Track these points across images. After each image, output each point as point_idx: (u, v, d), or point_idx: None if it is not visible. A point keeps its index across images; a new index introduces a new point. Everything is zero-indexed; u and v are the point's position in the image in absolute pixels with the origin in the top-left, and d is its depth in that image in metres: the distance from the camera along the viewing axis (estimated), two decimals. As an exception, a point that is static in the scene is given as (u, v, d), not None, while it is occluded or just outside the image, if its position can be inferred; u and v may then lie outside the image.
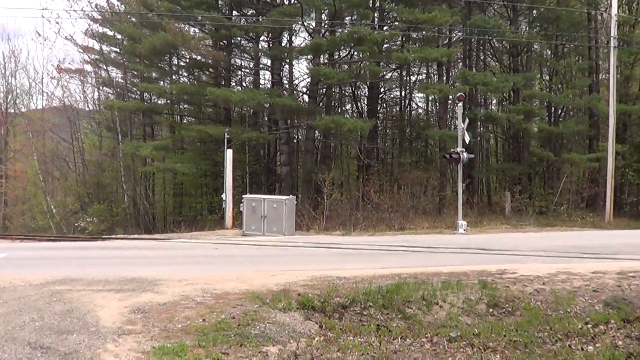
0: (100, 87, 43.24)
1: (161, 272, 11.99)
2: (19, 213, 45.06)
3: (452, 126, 34.85)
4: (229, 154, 28.48)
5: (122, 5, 40.79)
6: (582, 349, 8.81)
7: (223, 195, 28.62)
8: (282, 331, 8.61)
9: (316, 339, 8.57)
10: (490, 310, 10.09)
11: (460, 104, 26.11)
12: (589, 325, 9.45)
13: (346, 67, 37.46)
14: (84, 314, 8.65)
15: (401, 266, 12.74)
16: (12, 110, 48.38)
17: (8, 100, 47.42)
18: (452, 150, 25.88)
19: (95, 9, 40.33)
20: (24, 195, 45.33)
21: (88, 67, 42.07)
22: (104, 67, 40.94)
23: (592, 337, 9.17)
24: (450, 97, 35.07)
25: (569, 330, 9.26)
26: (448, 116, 38.16)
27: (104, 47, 40.37)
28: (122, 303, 9.24)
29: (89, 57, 40.79)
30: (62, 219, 41.12)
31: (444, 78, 37.75)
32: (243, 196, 26.90)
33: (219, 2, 36.43)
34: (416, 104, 46.01)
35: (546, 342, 8.99)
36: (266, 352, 7.94)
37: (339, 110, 41.89)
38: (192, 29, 37.76)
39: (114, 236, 27.23)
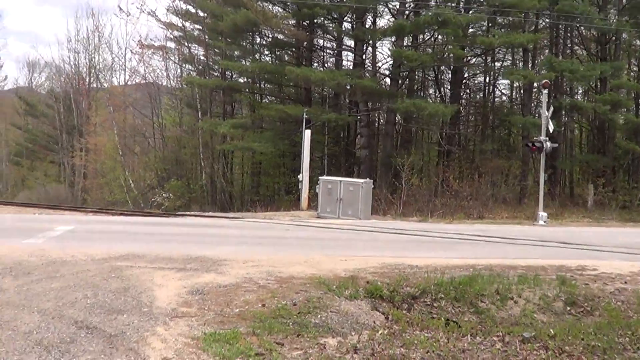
0: (182, 64, 43.79)
1: (228, 251, 11.88)
2: (98, 186, 46.20)
3: (536, 114, 34.26)
4: (307, 134, 28.44)
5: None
6: (668, 359, 8.17)
7: (299, 176, 28.59)
8: (345, 321, 8.16)
9: (380, 332, 8.08)
10: (568, 308, 9.70)
11: (546, 91, 25.73)
12: (676, 333, 8.82)
13: (430, 50, 36.99)
14: (140, 292, 8.47)
15: (476, 257, 12.56)
16: (95, 85, 49.79)
17: (91, 74, 48.73)
18: (535, 138, 25.54)
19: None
20: (102, 168, 46.34)
21: (170, 44, 42.67)
22: (186, 44, 41.45)
23: (679, 346, 8.51)
24: (535, 84, 34.48)
25: (652, 337, 8.60)
26: (532, 104, 37.60)
27: (187, 24, 40.86)
28: (182, 283, 9.06)
29: (171, 34, 41.37)
30: (140, 193, 41.84)
31: (529, 65, 36.82)
32: (319, 178, 26.79)
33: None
34: (500, 91, 45.22)
35: (627, 349, 8.39)
36: (324, 344, 7.44)
37: (421, 95, 41.30)
38: (275, 7, 37.84)
39: (187, 213, 27.53)
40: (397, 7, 35.06)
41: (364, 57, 37.31)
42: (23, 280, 8.88)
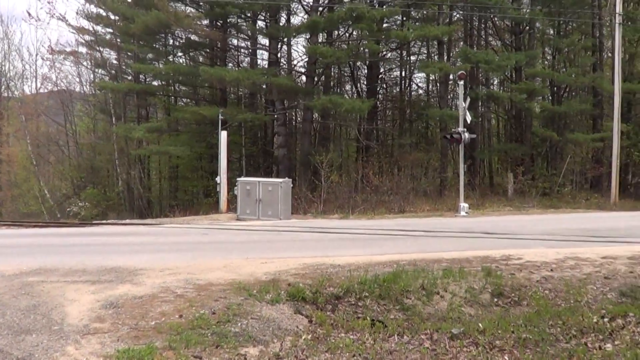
0: (95, 69, 42.53)
1: (144, 260, 11.64)
2: (12, 198, 44.46)
3: (453, 106, 34.53)
4: (223, 135, 27.96)
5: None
6: (600, 348, 8.17)
7: (217, 179, 28.08)
8: (267, 328, 7.97)
9: (303, 337, 7.91)
10: (495, 300, 9.66)
11: (462, 82, 25.81)
12: (606, 320, 8.89)
13: (345, 46, 37.10)
14: (51, 309, 8.18)
15: (400, 252, 12.47)
16: (6, 94, 47.86)
17: (1, 83, 46.84)
18: (453, 130, 25.73)
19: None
20: (16, 179, 44.71)
21: (82, 49, 41.38)
22: (98, 48, 40.22)
23: (609, 333, 8.58)
24: (451, 76, 34.73)
25: (583, 326, 8.68)
26: (449, 96, 37.84)
27: (98, 28, 39.64)
28: (95, 296, 8.77)
29: (82, 38, 40.10)
30: (55, 204, 40.53)
31: (445, 57, 37.33)
32: (237, 179, 26.43)
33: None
34: (416, 85, 45.84)
35: (559, 340, 8.39)
36: (245, 354, 7.26)
37: (338, 91, 41.43)
38: (187, 8, 37.19)
39: (103, 222, 26.74)
40: (311, 3, 35.02)
41: (279, 55, 37.05)
42: None
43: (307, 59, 36.16)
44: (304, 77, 36.82)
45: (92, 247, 14.82)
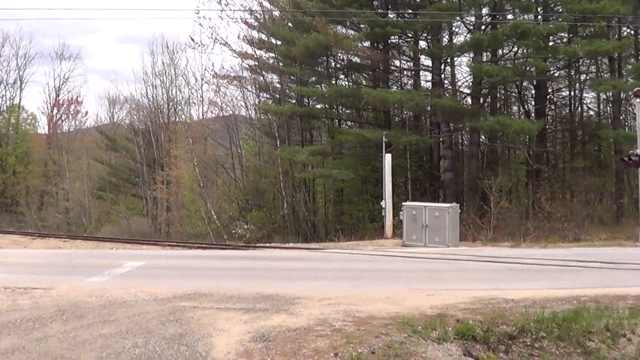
0: (258, 93, 47.38)
1: (303, 288, 12.01)
2: (179, 219, 50.28)
3: (629, 126, 34.32)
4: (387, 158, 30.04)
5: (275, 9, 44.76)
6: None
7: (382, 203, 30.00)
8: None
9: None
10: None
11: (638, 100, 25.94)
12: None
13: (510, 64, 38.06)
14: (197, 340, 8.47)
15: (579, 286, 12.22)
16: (174, 118, 54.01)
17: (169, 107, 52.96)
18: (631, 152, 25.67)
19: (249, 13, 44.41)
20: (183, 201, 50.34)
21: (246, 73, 46.36)
22: (261, 72, 44.59)
23: None
24: (622, 94, 34.70)
25: None
26: (623, 116, 37.92)
27: (260, 52, 44.54)
28: (247, 327, 8.97)
29: (245, 62, 45.25)
30: (221, 225, 44.89)
31: (617, 74, 37.26)
32: (402, 204, 27.95)
33: (374, 1, 38.93)
34: (586, 105, 45.30)
35: None
36: None
37: (505, 112, 42.70)
38: (348, 31, 40.39)
39: (266, 245, 29.38)
40: (474, 21, 36.63)
41: (442, 75, 39.01)
42: (72, 325, 9.17)
43: (471, 79, 38.24)
44: (469, 98, 38.75)
45: (251, 272, 15.72)
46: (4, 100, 72.27)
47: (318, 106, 44.36)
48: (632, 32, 38.11)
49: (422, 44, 40.16)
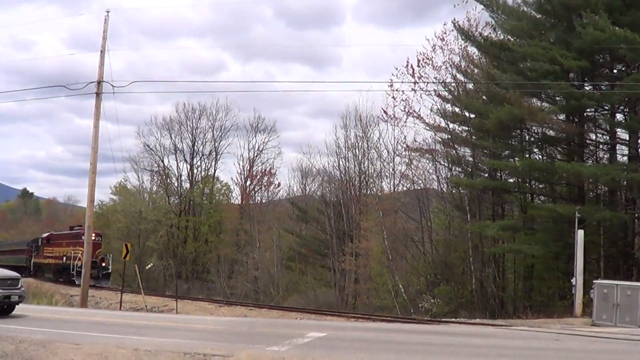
0: (450, 166, 51.06)
1: None
2: (366, 291, 53.99)
3: None
4: (579, 235, 31.81)
5: (469, 82, 48.27)
6: None
7: (572, 280, 31.71)
8: None
9: None
10: None
11: None
12: None
13: None
14: None
15: None
16: (365, 191, 58.71)
17: (361, 180, 57.85)
18: None
19: (442, 86, 48.27)
20: (371, 273, 54.16)
21: (438, 146, 50.40)
22: (454, 145, 48.36)
23: None
24: None
25: None
26: None
27: (453, 125, 48.39)
28: None
29: (437, 135, 49.17)
30: (408, 299, 47.92)
31: None
32: (594, 282, 28.89)
33: (569, 73, 40.78)
34: None
35: None
36: None
37: None
38: (543, 104, 42.97)
39: (452, 320, 31.24)
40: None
41: (639, 149, 39.77)
42: None
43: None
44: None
45: (433, 347, 16.57)
46: (199, 171, 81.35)
47: (510, 180, 46.82)
48: None
49: (619, 116, 41.55)
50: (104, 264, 53.55)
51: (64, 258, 54.29)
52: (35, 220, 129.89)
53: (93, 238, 46.57)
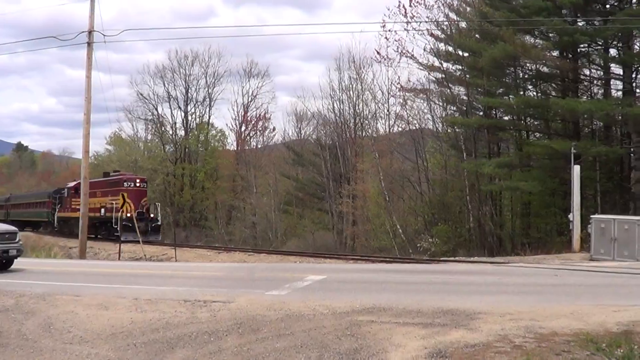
0: (445, 106, 51.14)
1: (484, 303, 12.51)
2: (364, 233, 54.61)
3: None
4: (576, 170, 32.11)
5: (461, 20, 48.01)
6: None
7: (570, 216, 31.99)
8: None
9: None
10: None
11: None
12: None
13: None
14: (372, 355, 8.82)
15: None
16: (360, 133, 58.80)
17: (356, 122, 57.90)
18: None
19: (435, 25, 48.16)
20: (369, 215, 54.74)
21: (432, 86, 50.62)
22: (448, 84, 48.39)
23: None
24: None
25: None
26: None
27: (447, 65, 48.42)
28: (424, 342, 9.30)
29: (431, 75, 49.31)
30: (406, 239, 48.48)
31: None
32: (591, 217, 29.30)
33: (562, 10, 40.55)
34: None
35: None
36: None
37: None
38: (536, 40, 42.86)
39: (450, 259, 31.59)
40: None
41: (633, 84, 40.08)
42: (247, 339, 9.87)
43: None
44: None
45: (432, 286, 16.54)
46: (194, 118, 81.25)
47: (505, 118, 47.25)
48: None
49: (613, 51, 41.50)
50: (152, 215, 47.10)
51: (102, 210, 46.14)
52: (31, 174, 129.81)
53: (138, 185, 46.10)
